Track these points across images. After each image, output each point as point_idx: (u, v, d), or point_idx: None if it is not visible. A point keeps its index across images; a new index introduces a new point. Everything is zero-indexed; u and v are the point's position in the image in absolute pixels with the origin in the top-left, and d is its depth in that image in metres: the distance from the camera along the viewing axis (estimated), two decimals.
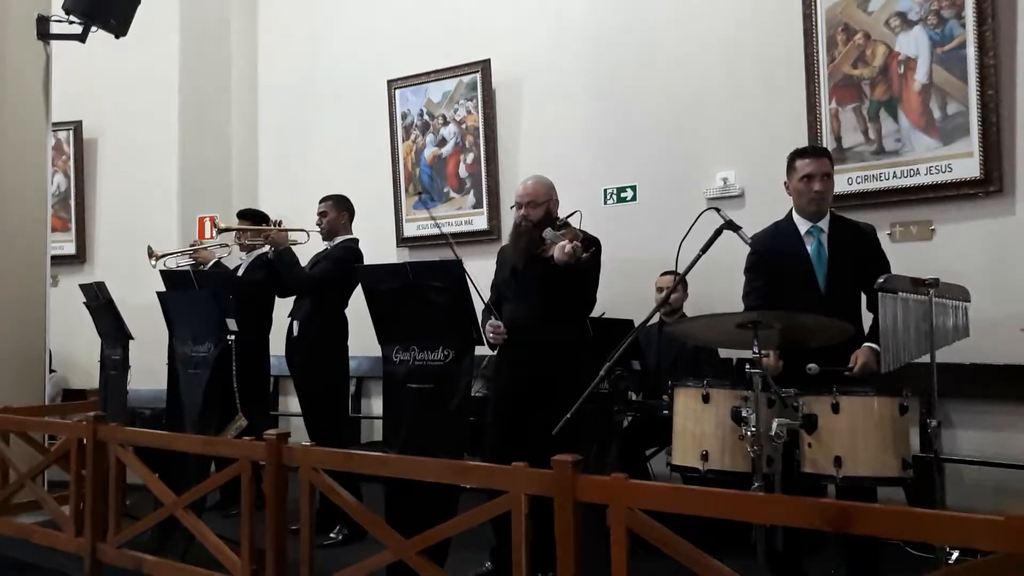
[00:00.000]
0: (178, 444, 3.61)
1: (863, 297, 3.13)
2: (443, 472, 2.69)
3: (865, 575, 2.89)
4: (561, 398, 3.00)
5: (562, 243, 3.15)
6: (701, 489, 2.22)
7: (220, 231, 4.83)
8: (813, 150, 3.30)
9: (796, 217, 3.23)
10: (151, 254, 4.81)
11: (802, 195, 3.18)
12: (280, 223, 4.56)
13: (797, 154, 3.26)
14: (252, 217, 5.05)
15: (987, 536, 1.78)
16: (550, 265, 3.22)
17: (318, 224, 4.47)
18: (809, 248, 3.16)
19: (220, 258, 5.07)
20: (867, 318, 3.10)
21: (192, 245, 5.27)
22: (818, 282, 3.12)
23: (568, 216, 3.39)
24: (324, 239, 4.48)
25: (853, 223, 3.26)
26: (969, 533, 1.85)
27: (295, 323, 4.38)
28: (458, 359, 2.98)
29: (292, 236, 4.55)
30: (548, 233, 3.24)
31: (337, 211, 4.45)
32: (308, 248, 4.62)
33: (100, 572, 3.68)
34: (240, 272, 4.93)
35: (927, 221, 4.18)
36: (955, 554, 2.88)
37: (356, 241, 4.45)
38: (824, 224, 3.18)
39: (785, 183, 3.30)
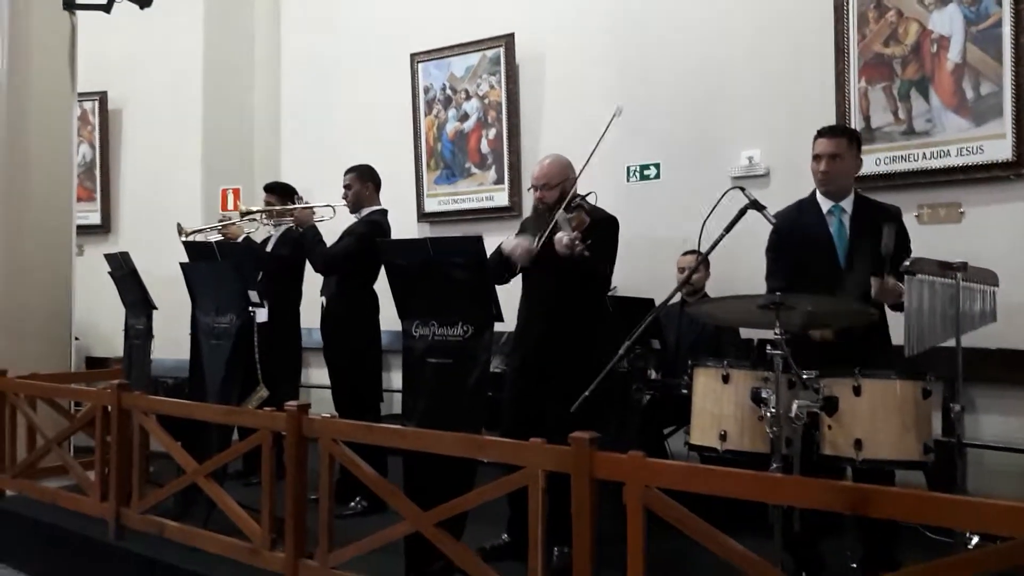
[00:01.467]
0: (200, 413, 3.67)
1: None
2: (461, 446, 2.70)
3: (882, 557, 2.88)
4: (576, 374, 3.02)
5: (560, 235, 3.15)
6: (718, 469, 2.22)
7: (243, 215, 4.85)
8: (829, 130, 3.23)
9: (819, 196, 3.20)
10: (181, 231, 4.83)
11: (814, 174, 3.16)
12: (299, 198, 4.54)
13: (817, 133, 3.23)
14: (279, 190, 5.07)
15: (1007, 522, 1.77)
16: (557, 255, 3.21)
17: (344, 197, 4.46)
18: (831, 227, 3.12)
19: (249, 233, 5.09)
20: None
21: (221, 220, 5.29)
22: (839, 261, 3.08)
23: (585, 196, 3.38)
24: (351, 211, 4.46)
25: (878, 204, 3.21)
26: (988, 518, 1.84)
27: (322, 298, 4.40)
28: (477, 335, 2.98)
29: (319, 212, 4.54)
30: (560, 215, 3.23)
31: (362, 183, 4.42)
32: (338, 221, 4.61)
33: (124, 536, 3.76)
34: (269, 247, 4.96)
35: (956, 203, 4.11)
36: (975, 539, 2.86)
37: (384, 213, 4.41)
38: (847, 204, 3.14)
39: None
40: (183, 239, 4.78)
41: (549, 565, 2.47)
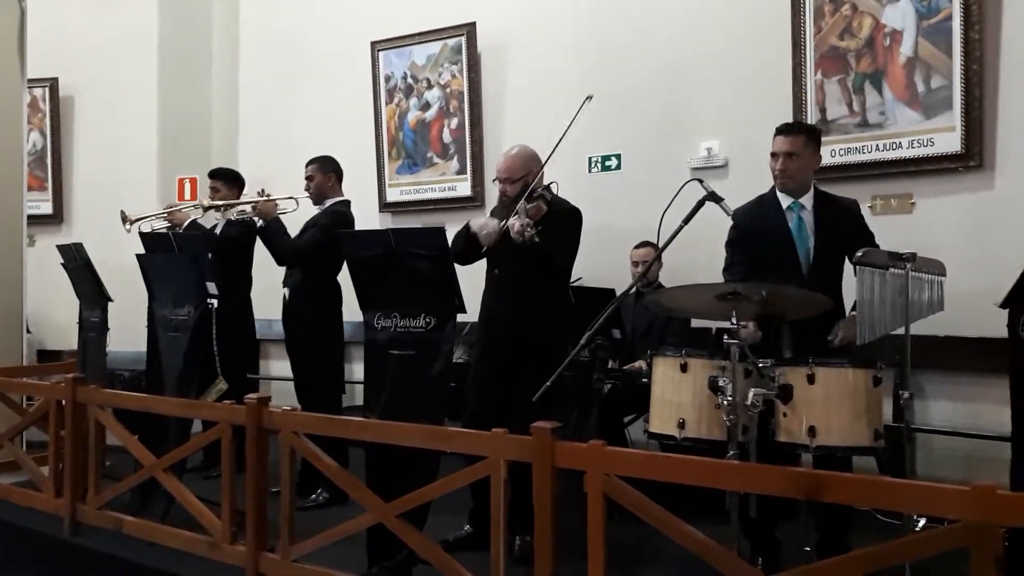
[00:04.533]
0: (158, 407, 3.62)
1: (846, 271, 3.16)
2: (424, 437, 2.71)
3: (836, 541, 2.96)
4: (538, 365, 3.06)
5: (512, 220, 3.19)
6: (677, 457, 2.27)
7: (206, 209, 4.78)
8: (787, 128, 3.26)
9: (778, 192, 3.24)
10: (124, 219, 4.74)
11: (772, 171, 3.20)
12: (265, 192, 4.48)
13: (776, 130, 3.26)
14: (224, 176, 5.00)
15: (953, 505, 1.83)
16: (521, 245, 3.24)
17: (306, 189, 4.42)
18: (790, 223, 3.18)
19: (195, 219, 5.01)
20: (849, 293, 3.13)
21: (166, 208, 5.21)
22: (798, 257, 3.14)
23: (545, 187, 3.40)
24: (314, 203, 4.43)
25: (835, 198, 3.28)
26: (936, 502, 1.90)
27: (285, 289, 4.36)
28: (440, 326, 2.98)
29: (281, 205, 4.49)
30: (520, 206, 3.26)
31: (324, 174, 4.39)
32: (301, 213, 4.57)
33: (80, 532, 3.70)
34: (217, 231, 4.90)
35: (907, 194, 4.21)
36: (922, 521, 2.95)
37: (347, 204, 4.39)
38: (807, 200, 3.19)
39: None
40: (127, 227, 4.69)
41: (511, 554, 2.50)
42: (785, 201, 3.21)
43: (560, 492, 2.35)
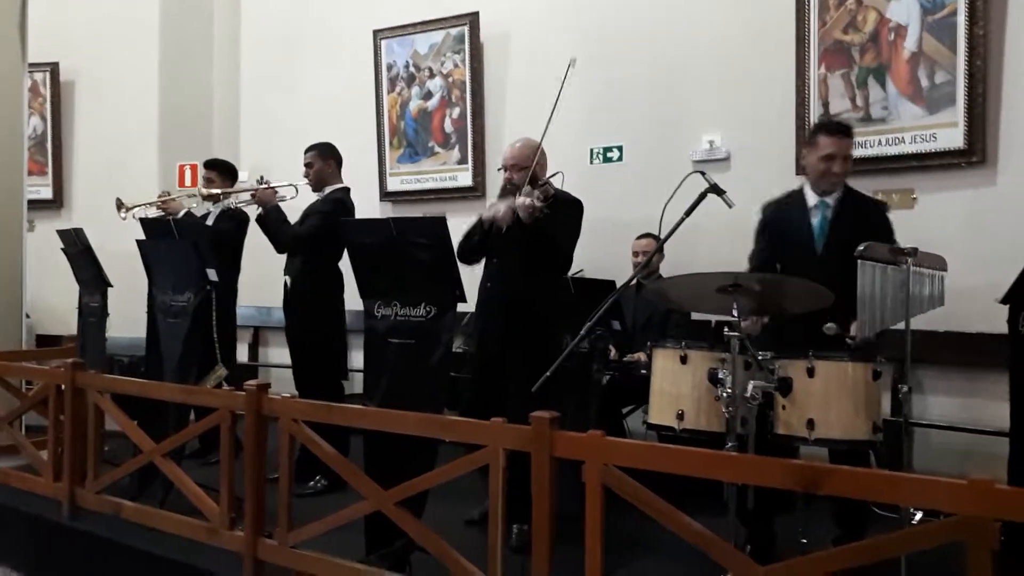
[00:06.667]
0: (158, 392, 3.62)
1: None
2: (423, 426, 2.71)
3: (855, 537, 2.95)
4: (534, 352, 3.13)
5: (522, 198, 3.25)
6: (675, 448, 2.27)
7: (205, 198, 4.76)
8: (838, 127, 3.21)
9: (807, 190, 3.24)
10: (120, 206, 4.73)
11: (821, 173, 3.14)
12: (264, 179, 4.46)
13: (821, 129, 3.22)
14: (219, 167, 4.98)
15: (950, 499, 1.84)
16: (528, 226, 3.29)
17: (305, 176, 4.41)
18: (813, 220, 3.18)
19: (190, 208, 5.00)
20: None
21: (160, 196, 5.19)
22: (816, 253, 3.14)
23: (550, 177, 3.45)
24: (314, 190, 4.41)
25: (865, 197, 3.27)
26: (933, 495, 1.91)
27: (287, 278, 4.35)
28: (440, 315, 2.98)
29: (281, 192, 4.47)
30: (526, 190, 3.31)
31: (323, 160, 4.37)
32: (300, 200, 4.56)
33: (78, 516, 3.70)
34: (209, 222, 4.88)
35: (909, 190, 4.21)
36: (919, 515, 2.96)
37: (346, 191, 4.38)
38: (832, 199, 3.17)
39: (803, 152, 3.28)
40: (123, 215, 4.68)
41: (508, 542, 2.51)
42: (812, 199, 3.20)
43: (559, 481, 2.35)
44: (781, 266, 3.21)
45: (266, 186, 4.38)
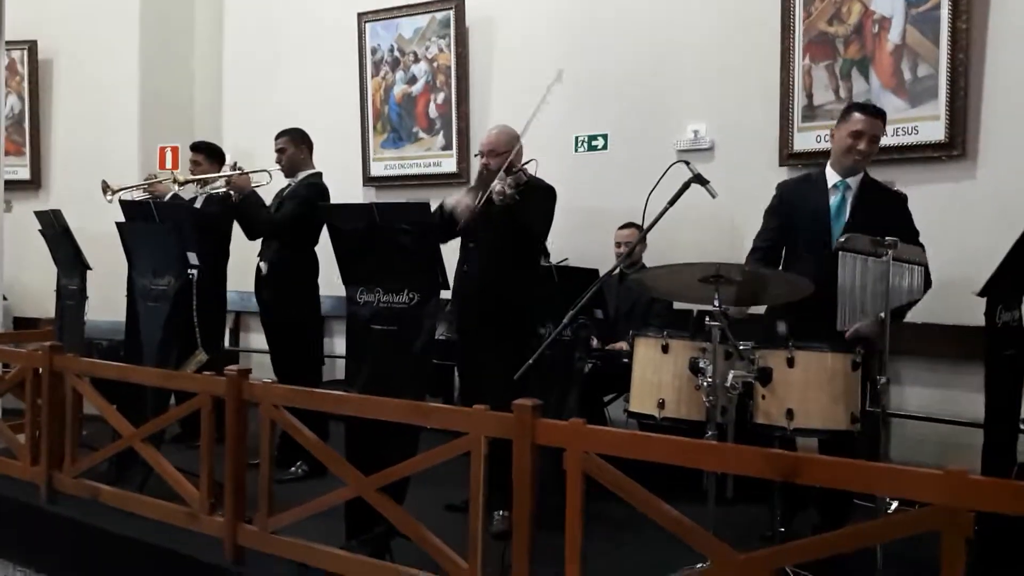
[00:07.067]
0: (137, 376, 3.59)
1: None
2: (404, 412, 2.71)
3: (836, 526, 2.99)
4: (511, 330, 3.32)
5: (495, 183, 3.32)
6: (656, 436, 2.28)
7: (181, 184, 4.72)
8: (874, 109, 3.22)
9: (829, 169, 3.23)
10: (106, 188, 4.68)
11: (846, 148, 3.13)
12: (238, 165, 4.44)
13: (856, 107, 3.22)
14: (206, 150, 4.94)
15: (926, 489, 1.86)
16: (501, 211, 3.36)
17: (277, 161, 4.39)
18: (832, 199, 3.17)
19: (177, 191, 4.95)
20: None
21: (147, 179, 5.14)
22: (831, 236, 3.11)
23: (524, 164, 3.53)
24: (286, 176, 4.40)
25: (884, 187, 3.26)
26: (909, 485, 1.94)
27: (263, 263, 4.33)
28: (423, 302, 2.97)
29: (255, 178, 4.45)
30: (501, 175, 3.38)
31: (295, 145, 4.36)
32: (272, 185, 4.54)
33: (56, 501, 3.68)
34: (197, 204, 4.84)
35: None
36: (894, 504, 3.00)
37: (320, 175, 4.37)
38: (853, 182, 3.17)
39: (832, 131, 3.28)
40: (108, 197, 4.63)
41: (489, 528, 2.52)
42: (832, 179, 3.20)
43: (540, 469, 2.36)
44: (789, 248, 3.20)
45: (239, 172, 4.37)
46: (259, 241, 4.46)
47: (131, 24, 6.21)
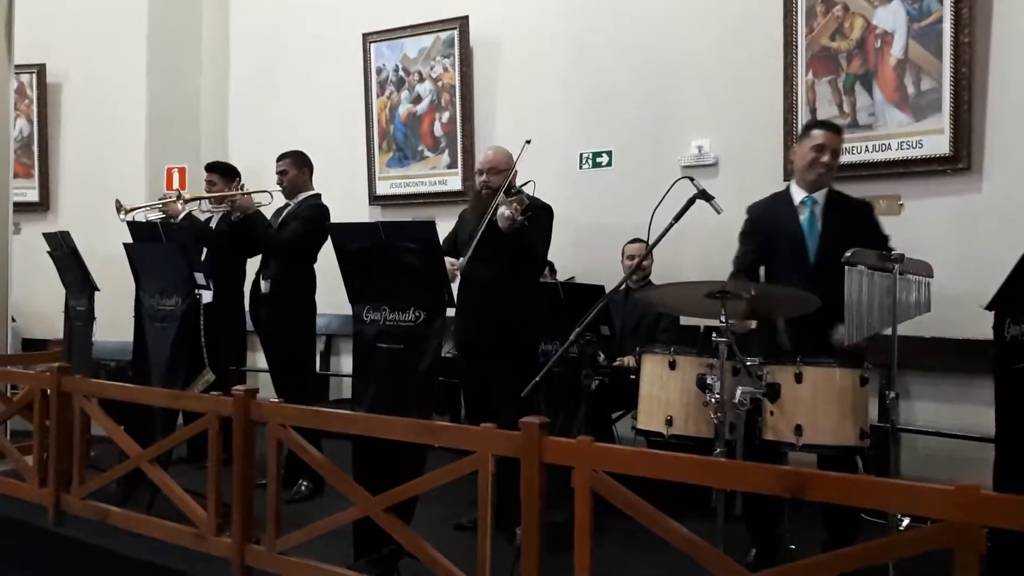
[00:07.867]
0: (145, 397, 3.59)
1: None
2: (412, 431, 2.71)
3: (845, 543, 2.97)
4: (512, 347, 3.36)
5: (503, 209, 3.34)
6: (664, 453, 2.27)
7: (187, 201, 4.75)
8: (831, 125, 3.28)
9: (793, 187, 3.25)
10: (119, 208, 4.70)
11: (810, 162, 3.16)
12: (240, 184, 4.49)
13: (816, 124, 3.31)
14: (220, 170, 4.98)
15: (937, 505, 1.84)
16: (501, 230, 3.38)
17: (279, 183, 4.43)
18: (801, 218, 3.18)
19: (191, 211, 4.98)
20: None
21: (161, 198, 5.17)
22: (808, 252, 3.14)
23: (522, 185, 3.59)
24: (287, 197, 4.44)
25: (848, 198, 3.28)
26: (920, 501, 1.91)
27: (264, 281, 4.35)
28: (429, 320, 2.98)
29: (257, 198, 4.49)
30: (501, 199, 3.41)
31: (297, 168, 4.40)
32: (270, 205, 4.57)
33: (64, 522, 3.67)
34: (212, 224, 4.87)
35: (896, 196, 4.24)
36: (906, 521, 2.97)
37: (320, 197, 4.42)
38: (820, 196, 3.19)
39: (794, 149, 3.30)
40: (122, 217, 4.66)
41: (512, 544, 2.50)
42: (798, 196, 3.21)
43: (550, 487, 2.35)
44: (768, 268, 3.21)
45: (243, 192, 4.42)
46: (258, 259, 4.49)
47: (138, 46, 6.28)
